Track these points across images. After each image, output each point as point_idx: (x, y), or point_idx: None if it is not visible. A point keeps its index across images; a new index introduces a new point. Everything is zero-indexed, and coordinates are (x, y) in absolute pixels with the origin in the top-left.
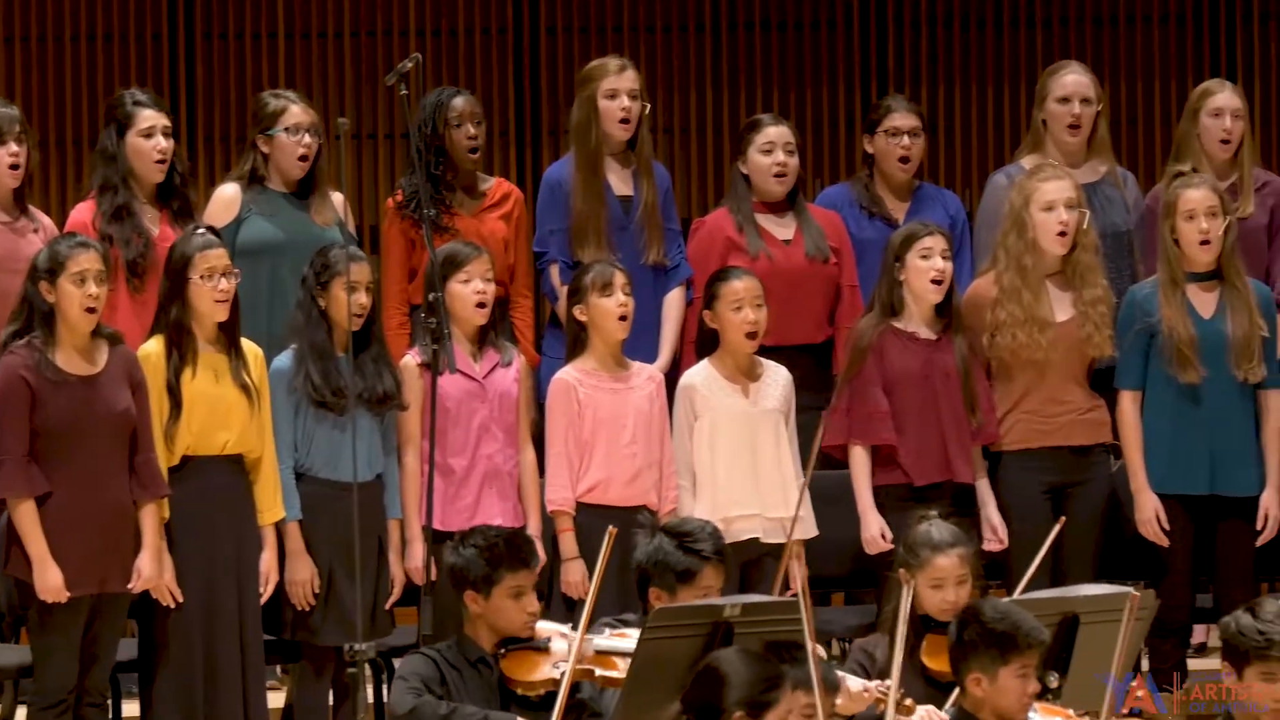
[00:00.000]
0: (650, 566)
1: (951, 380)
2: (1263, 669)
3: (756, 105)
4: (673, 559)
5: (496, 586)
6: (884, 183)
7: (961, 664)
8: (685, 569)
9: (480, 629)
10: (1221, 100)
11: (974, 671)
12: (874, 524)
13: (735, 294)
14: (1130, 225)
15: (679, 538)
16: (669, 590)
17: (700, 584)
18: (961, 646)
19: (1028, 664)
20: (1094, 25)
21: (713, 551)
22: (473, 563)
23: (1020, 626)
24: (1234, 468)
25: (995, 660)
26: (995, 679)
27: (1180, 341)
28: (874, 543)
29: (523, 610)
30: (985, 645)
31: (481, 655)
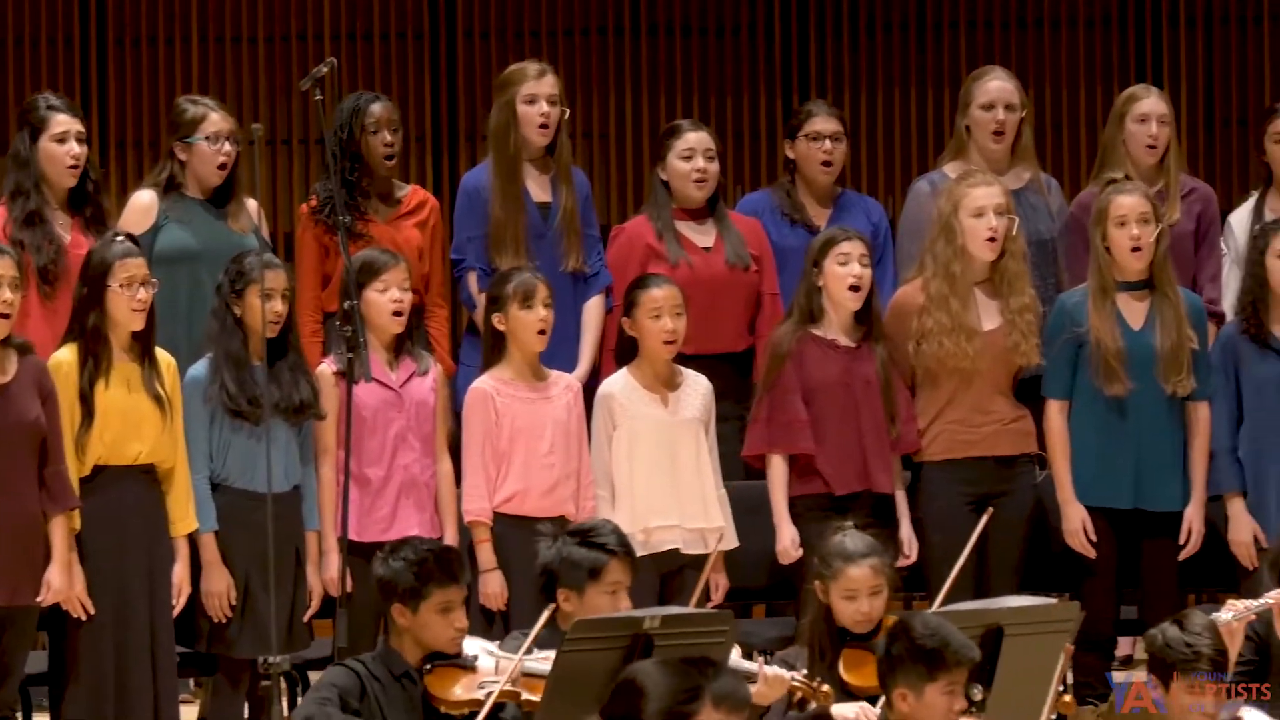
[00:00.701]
0: (557, 566)
1: (871, 389)
2: (1188, 682)
3: (677, 111)
4: (577, 555)
5: (424, 601)
6: (805, 189)
7: (889, 678)
8: (592, 564)
9: (406, 643)
10: (1147, 106)
11: (900, 687)
12: (787, 534)
13: (654, 302)
14: (1054, 233)
15: (582, 535)
16: (577, 588)
17: (608, 579)
18: (889, 661)
19: (955, 681)
20: (1018, 30)
21: (618, 545)
22: (401, 575)
23: (949, 644)
24: (1159, 482)
25: (923, 677)
26: (922, 695)
27: (1108, 353)
28: (786, 553)
29: (450, 626)
30: (913, 661)
31: (406, 669)
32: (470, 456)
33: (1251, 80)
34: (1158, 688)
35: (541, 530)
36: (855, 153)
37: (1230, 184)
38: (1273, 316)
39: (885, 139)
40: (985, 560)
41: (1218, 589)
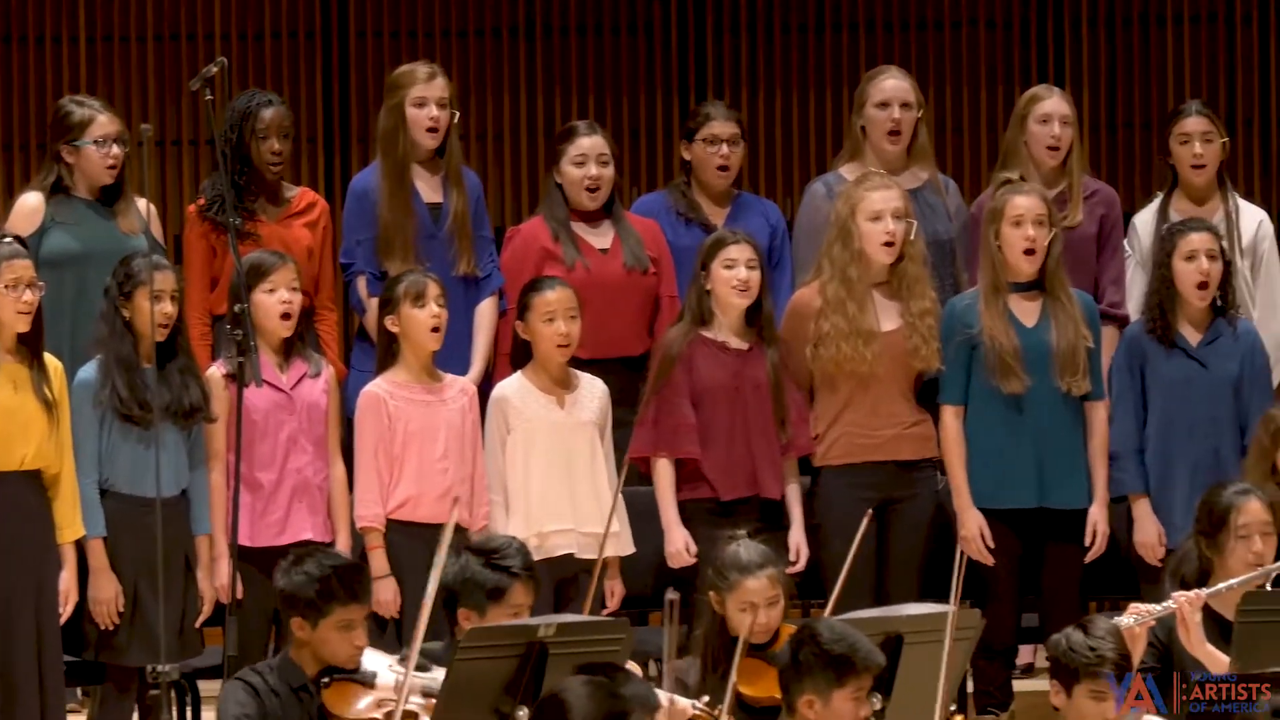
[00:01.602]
0: (458, 586)
1: (761, 392)
2: (1092, 687)
3: (572, 111)
4: (480, 577)
5: (325, 618)
6: (702, 190)
7: (794, 685)
8: (494, 586)
9: (305, 655)
10: (1050, 106)
11: (807, 694)
12: (678, 538)
13: (548, 305)
14: (952, 234)
15: (486, 555)
16: (478, 609)
17: (510, 602)
18: (795, 668)
19: (862, 687)
20: (918, 30)
21: (522, 568)
22: (303, 589)
23: (857, 649)
24: (1061, 481)
25: (830, 683)
26: (829, 702)
27: (1003, 351)
28: (678, 557)
29: (350, 643)
30: (820, 667)
31: (304, 683)
32: (363, 461)
33: (1155, 81)
34: (1059, 693)
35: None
36: (753, 154)
37: (1133, 186)
38: (1179, 318)
39: (783, 140)
40: (885, 566)
41: (1120, 596)
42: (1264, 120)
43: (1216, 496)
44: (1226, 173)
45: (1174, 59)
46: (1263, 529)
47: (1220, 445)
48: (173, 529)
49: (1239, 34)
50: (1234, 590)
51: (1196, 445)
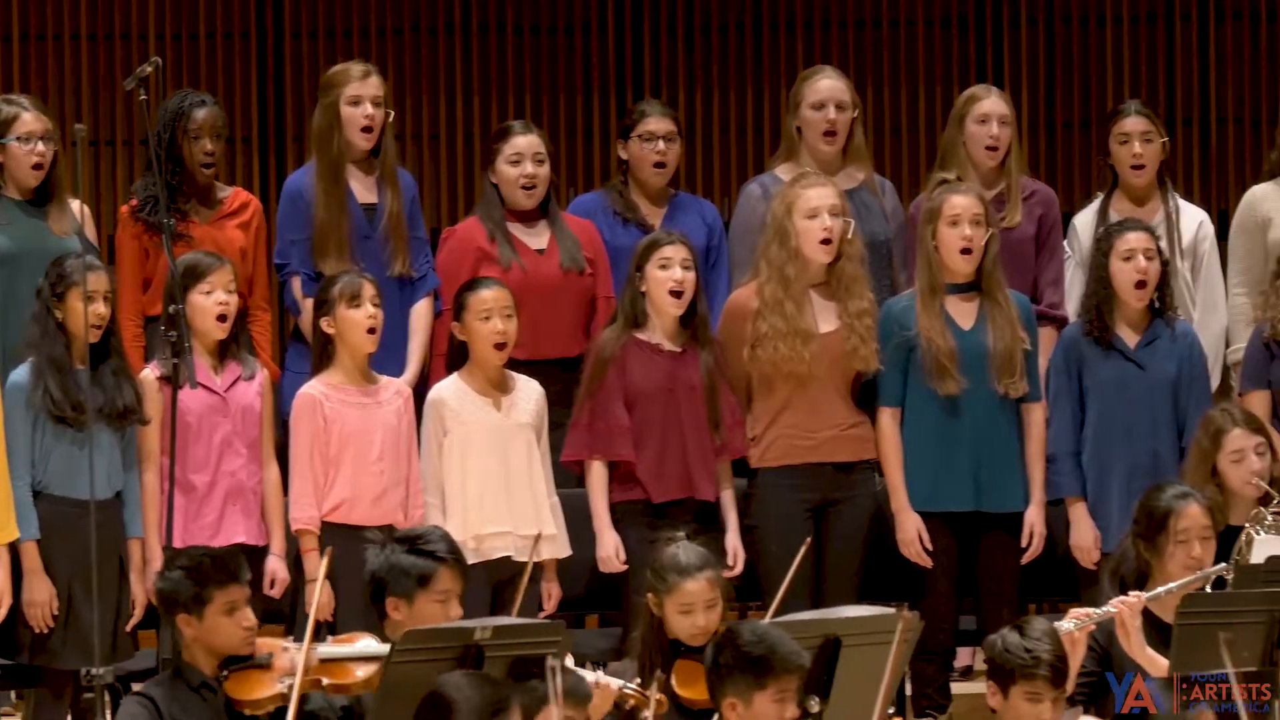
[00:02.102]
0: (385, 574)
1: (695, 394)
2: (1028, 688)
3: (509, 111)
4: (406, 563)
5: (208, 605)
6: (639, 190)
7: (718, 689)
8: (421, 572)
9: (198, 653)
10: (988, 106)
11: (730, 696)
12: (609, 542)
13: (484, 304)
14: (889, 235)
15: (411, 542)
16: (406, 597)
17: (438, 587)
18: (717, 671)
19: (785, 688)
20: (856, 30)
21: (447, 552)
22: (180, 585)
23: (776, 650)
24: (998, 483)
25: (751, 685)
26: (751, 704)
27: (939, 352)
28: (608, 561)
29: (238, 626)
30: (741, 670)
31: (204, 680)
32: (298, 463)
33: (1094, 81)
34: (996, 694)
35: (369, 538)
36: (689, 154)
37: (1072, 186)
38: (1117, 319)
39: (720, 140)
40: (823, 569)
41: (1058, 598)
42: (1203, 120)
43: (1155, 500)
44: (1166, 173)
45: (1113, 58)
46: (1202, 533)
47: (1159, 448)
48: (107, 531)
49: (1178, 33)
50: (1173, 594)
51: (1134, 448)
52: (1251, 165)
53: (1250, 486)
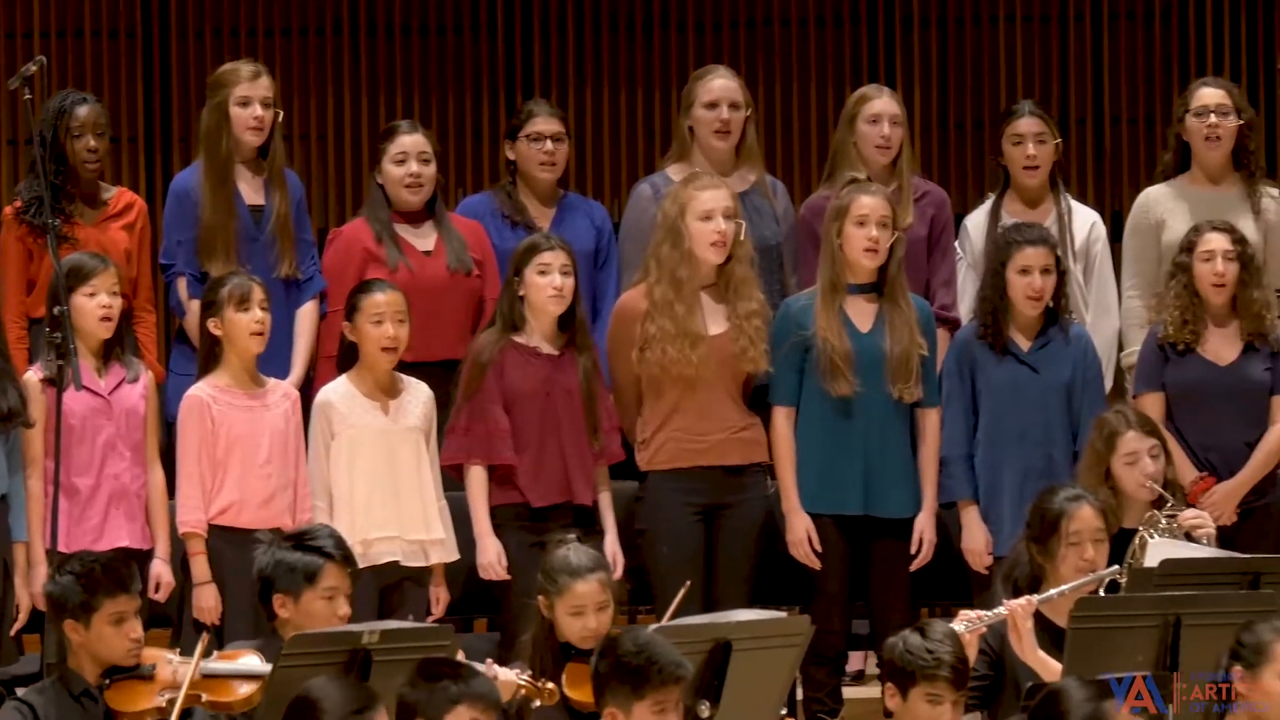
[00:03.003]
0: (271, 572)
1: (573, 398)
2: (929, 690)
3: (396, 111)
4: (292, 560)
5: (96, 614)
6: (528, 190)
7: (599, 697)
8: (307, 568)
9: (83, 660)
10: (879, 106)
11: (610, 705)
12: (490, 549)
13: (376, 307)
14: (779, 239)
15: (297, 539)
16: (293, 594)
17: (324, 583)
18: (599, 679)
19: (664, 699)
20: (747, 29)
21: (334, 549)
22: (70, 590)
23: (656, 661)
24: (888, 488)
25: (630, 695)
26: (630, 714)
27: (834, 353)
28: (490, 568)
29: (125, 637)
30: (619, 679)
31: (85, 688)
32: (185, 466)
33: (987, 81)
34: (895, 696)
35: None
36: (579, 154)
37: (965, 187)
38: (1011, 323)
39: (610, 140)
40: (714, 572)
41: (951, 601)
42: (1096, 120)
43: (1048, 502)
44: (1059, 174)
45: (1006, 58)
46: (1094, 535)
47: (1052, 451)
48: None
49: (1071, 33)
50: (1066, 597)
51: (1027, 451)
52: (1145, 166)
53: (1144, 489)
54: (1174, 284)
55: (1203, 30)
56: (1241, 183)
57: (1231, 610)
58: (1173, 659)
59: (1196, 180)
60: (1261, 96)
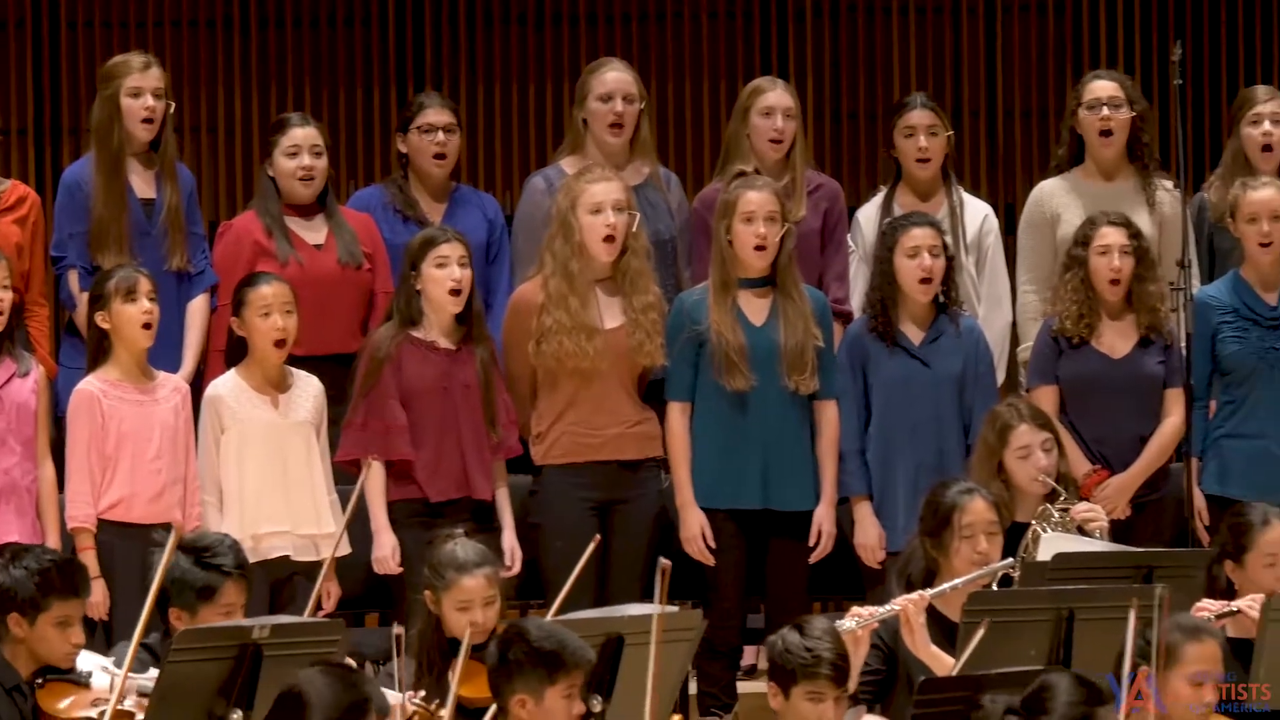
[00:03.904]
0: (169, 585)
1: (471, 392)
2: (810, 688)
3: (287, 104)
4: (191, 576)
5: (43, 613)
6: (419, 184)
7: (505, 685)
8: (205, 585)
9: (20, 654)
10: (772, 99)
11: (519, 693)
12: (386, 543)
13: (264, 300)
14: (673, 232)
15: (197, 553)
16: (189, 609)
17: (222, 601)
18: (505, 667)
19: (574, 684)
20: (639, 22)
21: (234, 566)
22: (22, 584)
23: (566, 645)
24: (786, 482)
25: (543, 680)
26: (541, 700)
27: (729, 348)
28: (384, 563)
29: (67, 641)
30: (531, 665)
31: (17, 683)
32: (74, 461)
33: (879, 73)
34: (777, 695)
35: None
36: (471, 147)
37: (858, 179)
38: (902, 315)
39: (503, 133)
40: (607, 566)
41: (845, 596)
42: (989, 113)
43: (941, 496)
44: (951, 166)
45: (899, 50)
46: (987, 528)
47: (944, 445)
48: None
49: (964, 25)
50: (958, 591)
51: (919, 446)
52: (1038, 159)
53: (1037, 483)
54: (1069, 277)
55: (1096, 23)
56: (1136, 176)
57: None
58: (1065, 653)
59: (1090, 174)
60: (1155, 89)
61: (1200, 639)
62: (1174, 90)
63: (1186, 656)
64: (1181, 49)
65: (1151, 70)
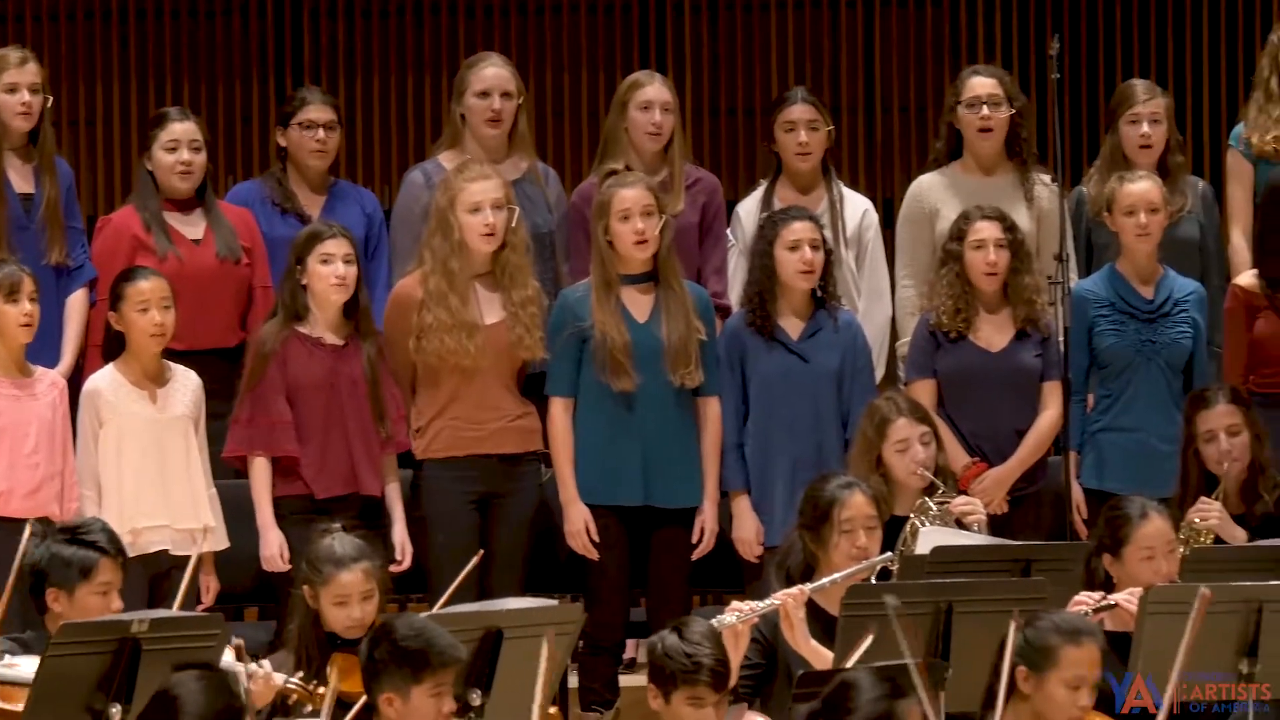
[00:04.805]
0: (45, 566)
1: (359, 388)
2: (690, 694)
3: (166, 98)
4: (66, 554)
5: None
6: (298, 178)
7: (373, 683)
8: (82, 563)
9: None
10: (651, 93)
11: (386, 691)
12: (274, 541)
13: (141, 295)
14: (552, 225)
15: (71, 532)
16: (67, 589)
17: (99, 579)
18: (373, 665)
19: (442, 683)
20: (518, 15)
21: (108, 543)
22: None
23: (433, 644)
24: (669, 478)
25: (408, 679)
26: (408, 698)
27: (614, 347)
28: (271, 561)
29: None
30: (397, 664)
31: None
32: None
33: (759, 68)
34: (658, 698)
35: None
36: (350, 141)
37: (737, 173)
38: (781, 309)
39: (381, 127)
40: (488, 560)
41: (725, 590)
42: (868, 107)
43: (820, 490)
44: (831, 161)
45: (778, 45)
46: (867, 523)
47: (823, 440)
48: None
49: (843, 20)
50: (838, 585)
51: (797, 441)
52: (916, 153)
53: (915, 477)
54: (945, 272)
55: (974, 18)
56: (1014, 170)
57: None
58: (944, 647)
59: (969, 168)
60: (1033, 82)
61: (1079, 642)
62: (1052, 84)
63: (1065, 660)
64: (1059, 43)
65: (1029, 64)
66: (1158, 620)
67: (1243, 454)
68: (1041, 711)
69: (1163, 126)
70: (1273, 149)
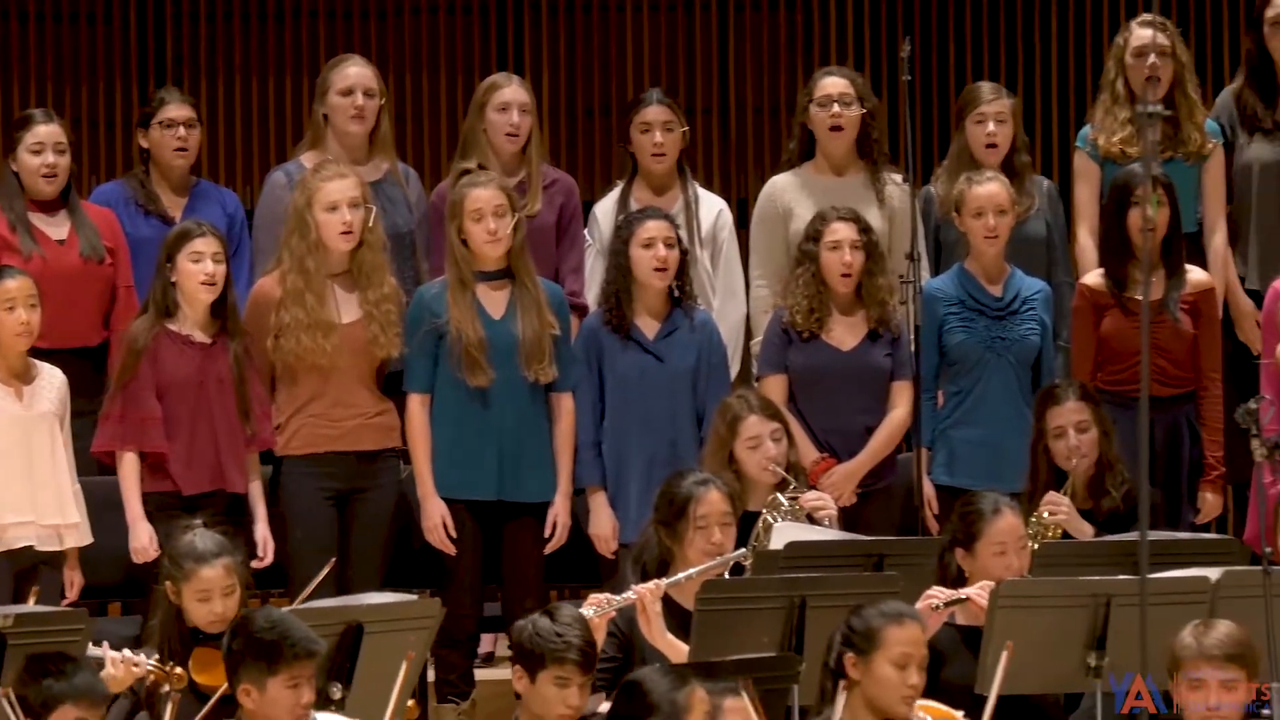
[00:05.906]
0: None
1: (225, 386)
2: (557, 673)
3: (30, 99)
4: None
5: None
6: (160, 178)
7: (233, 675)
8: None
9: None
10: (508, 94)
11: (244, 682)
12: (143, 533)
13: (8, 294)
14: (412, 224)
15: None
16: None
17: None
18: (231, 657)
19: (298, 674)
20: (377, 18)
21: None
22: None
23: (288, 637)
24: (524, 473)
25: (264, 671)
26: (265, 689)
27: (470, 344)
28: (143, 552)
29: None
30: (254, 656)
31: None
32: None
33: (614, 69)
34: (523, 679)
35: None
36: (211, 142)
37: (594, 174)
38: (637, 308)
39: (243, 127)
40: (347, 556)
41: (581, 584)
42: (723, 108)
43: (676, 486)
44: (686, 161)
45: (634, 46)
46: (721, 519)
47: (677, 437)
48: None
49: (698, 21)
50: (693, 580)
51: (652, 438)
52: (770, 154)
53: (766, 472)
54: (800, 272)
55: (827, 19)
56: (866, 170)
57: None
58: (798, 640)
59: (821, 169)
60: (885, 84)
61: (900, 622)
62: (903, 86)
63: (889, 639)
64: (910, 45)
65: (881, 67)
66: (1008, 614)
67: (1091, 450)
68: (873, 695)
69: (1008, 126)
70: (1119, 150)
